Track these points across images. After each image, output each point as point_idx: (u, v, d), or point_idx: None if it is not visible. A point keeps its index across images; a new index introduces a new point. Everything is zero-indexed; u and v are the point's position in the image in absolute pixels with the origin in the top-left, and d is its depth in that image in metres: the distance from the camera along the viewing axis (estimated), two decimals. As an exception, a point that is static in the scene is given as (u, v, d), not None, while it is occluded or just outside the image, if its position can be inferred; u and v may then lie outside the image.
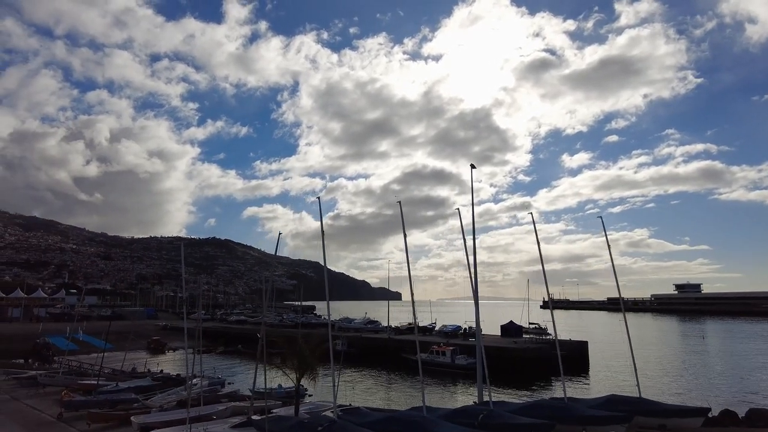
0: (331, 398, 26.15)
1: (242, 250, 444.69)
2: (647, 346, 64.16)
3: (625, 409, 16.57)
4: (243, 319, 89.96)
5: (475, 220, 23.17)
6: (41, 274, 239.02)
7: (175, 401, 20.48)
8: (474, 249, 21.53)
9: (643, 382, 40.49)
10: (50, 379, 25.83)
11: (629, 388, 38.29)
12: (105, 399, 21.34)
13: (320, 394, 35.62)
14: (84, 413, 19.93)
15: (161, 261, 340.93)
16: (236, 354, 63.74)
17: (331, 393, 17.13)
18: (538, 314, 75.26)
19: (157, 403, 20.51)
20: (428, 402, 34.57)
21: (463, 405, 24.39)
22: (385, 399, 35.10)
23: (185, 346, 25.78)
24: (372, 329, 66.11)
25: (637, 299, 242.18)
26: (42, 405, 22.37)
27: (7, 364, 38.58)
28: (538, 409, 16.93)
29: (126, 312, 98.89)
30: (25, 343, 57.25)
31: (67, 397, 23.19)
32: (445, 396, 37.32)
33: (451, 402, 34.18)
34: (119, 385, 24.56)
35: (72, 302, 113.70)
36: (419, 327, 67.84)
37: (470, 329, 60.94)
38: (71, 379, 27.17)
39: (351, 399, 33.78)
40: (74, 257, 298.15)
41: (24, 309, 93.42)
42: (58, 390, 25.94)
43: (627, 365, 54.91)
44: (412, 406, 22.45)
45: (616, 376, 44.66)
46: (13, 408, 21.81)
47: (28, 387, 26.85)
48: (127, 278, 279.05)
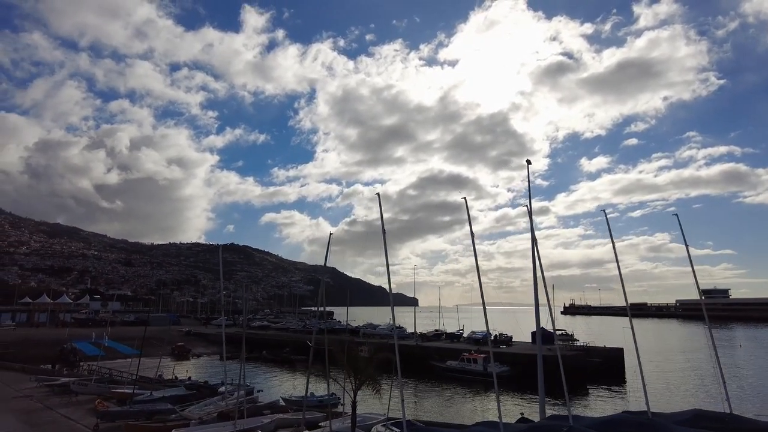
0: (374, 409, 24.83)
1: (260, 255, 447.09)
2: (686, 353, 61.45)
3: (717, 426, 14.89)
4: (266, 324, 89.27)
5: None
6: (65, 279, 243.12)
7: (215, 413, 19.36)
8: (535, 256, 20.00)
9: (704, 392, 38.23)
10: (83, 387, 25.08)
11: (679, 399, 36.24)
12: (141, 410, 20.41)
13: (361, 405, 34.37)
14: (120, 424, 19.02)
15: (180, 267, 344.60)
16: (260, 360, 62.83)
17: (374, 404, 15.77)
18: (558, 320, 73.02)
19: (195, 415, 19.48)
20: (465, 413, 33.20)
21: (520, 418, 22.86)
22: (423, 410, 33.53)
23: (223, 354, 24.71)
24: (398, 336, 64.46)
25: (662, 305, 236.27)
26: (76, 414, 21.54)
27: (36, 369, 38.21)
28: (623, 425, 15.35)
29: (149, 318, 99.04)
30: (52, 348, 57.23)
31: (101, 406, 22.36)
32: (482, 406, 35.58)
33: (490, 414, 32.46)
34: (153, 395, 23.64)
35: (96, 308, 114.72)
36: (446, 333, 66.39)
37: (502, 336, 59.09)
38: (104, 387, 26.41)
39: (380, 409, 32.41)
40: (96, 263, 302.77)
41: (50, 314, 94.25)
42: (91, 398, 25.19)
43: (666, 374, 52.40)
44: (477, 421, 20.79)
45: (659, 386, 42.29)
46: (47, 418, 21.02)
47: (60, 395, 26.14)
48: (147, 284, 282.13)
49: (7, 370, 37.76)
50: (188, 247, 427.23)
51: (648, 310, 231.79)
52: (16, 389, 27.81)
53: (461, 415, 32.83)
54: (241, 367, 21.51)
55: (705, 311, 20.78)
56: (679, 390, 41.76)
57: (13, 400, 24.68)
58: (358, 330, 71.72)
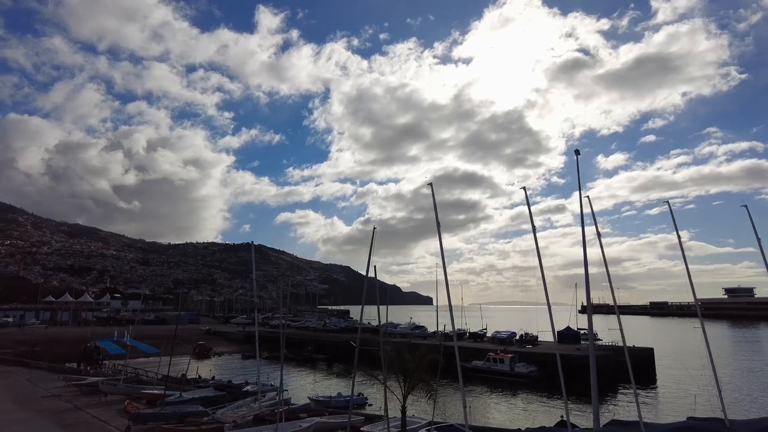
0: (416, 412, 23.78)
1: (275, 255, 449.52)
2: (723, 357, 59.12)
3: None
4: (285, 323, 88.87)
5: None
6: (85, 279, 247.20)
7: (250, 416, 18.57)
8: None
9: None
10: (112, 388, 24.63)
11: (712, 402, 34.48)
12: (173, 412, 19.76)
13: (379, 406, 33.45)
14: (152, 427, 18.40)
15: (197, 266, 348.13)
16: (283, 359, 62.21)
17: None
18: (573, 319, 70.97)
19: (229, 418, 18.73)
20: (496, 415, 32.02)
21: (559, 421, 21.62)
22: (454, 411, 32.40)
23: (257, 354, 24.02)
24: (420, 335, 63.54)
25: (683, 304, 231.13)
26: (106, 416, 21.00)
27: (63, 368, 38.11)
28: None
29: (168, 316, 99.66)
30: (76, 346, 57.56)
31: (131, 407, 21.81)
32: (514, 408, 34.30)
33: (526, 417, 31.32)
34: (183, 396, 23.01)
35: (117, 306, 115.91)
36: (470, 333, 65.10)
37: (527, 335, 57.70)
38: (132, 387, 25.93)
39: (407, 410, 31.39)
40: (115, 263, 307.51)
41: (72, 313, 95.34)
42: (119, 399, 24.68)
43: (699, 375, 50.22)
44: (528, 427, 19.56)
45: (691, 388, 40.29)
46: (78, 419, 20.51)
47: (89, 395, 25.72)
48: (165, 283, 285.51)
49: (35, 369, 37.70)
50: (204, 246, 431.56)
51: (669, 309, 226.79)
52: (45, 389, 27.51)
53: (490, 417, 31.75)
54: (281, 369, 20.70)
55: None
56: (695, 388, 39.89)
57: (42, 400, 24.32)
58: (378, 329, 70.74)
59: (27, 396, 25.19)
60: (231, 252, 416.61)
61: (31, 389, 27.39)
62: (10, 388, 27.26)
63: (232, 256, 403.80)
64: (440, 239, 16.38)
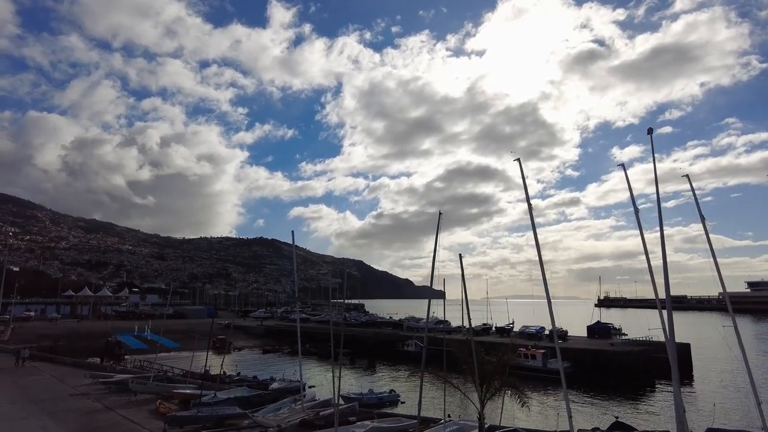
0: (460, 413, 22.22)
1: (288, 249, 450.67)
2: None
3: None
4: (305, 317, 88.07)
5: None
6: (101, 273, 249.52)
7: (297, 420, 17.17)
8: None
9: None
10: (142, 386, 23.52)
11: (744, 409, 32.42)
12: (210, 414, 18.50)
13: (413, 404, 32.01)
14: (188, 430, 17.15)
15: (211, 261, 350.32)
16: (304, 354, 60.98)
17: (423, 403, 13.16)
18: (590, 313, 68.75)
19: (272, 422, 17.37)
20: (538, 416, 30.30)
21: (615, 422, 19.90)
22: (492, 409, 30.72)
23: (299, 351, 22.61)
24: (444, 329, 61.91)
25: (703, 297, 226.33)
26: (138, 417, 19.86)
27: (88, 364, 37.33)
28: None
29: (187, 311, 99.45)
30: (97, 340, 57.22)
31: (163, 408, 20.64)
32: (550, 407, 32.44)
33: (585, 418, 29.38)
34: (217, 396, 21.76)
35: (135, 300, 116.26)
36: (497, 328, 63.37)
37: (559, 330, 55.73)
38: (163, 386, 24.80)
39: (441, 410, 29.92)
40: (131, 257, 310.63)
41: (92, 307, 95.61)
42: (149, 398, 23.57)
43: (735, 371, 47.86)
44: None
45: (730, 385, 38.18)
46: (109, 420, 19.40)
47: (117, 393, 24.65)
48: (180, 277, 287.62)
49: (60, 364, 36.97)
50: (218, 241, 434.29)
51: (688, 302, 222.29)
52: (72, 386, 26.57)
53: (531, 417, 29.98)
54: (333, 370, 19.24)
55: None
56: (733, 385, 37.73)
57: (70, 399, 23.33)
58: (401, 324, 69.43)
59: (55, 394, 24.24)
60: (244, 246, 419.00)
61: (58, 387, 26.48)
62: (38, 386, 26.34)
63: (246, 250, 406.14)
64: (533, 221, 14.68)
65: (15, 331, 60.85)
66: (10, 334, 57.69)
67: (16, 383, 26.36)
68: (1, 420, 18.96)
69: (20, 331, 61.72)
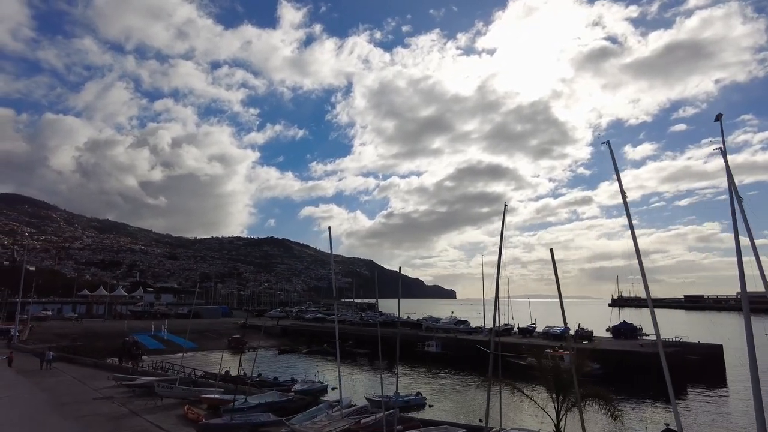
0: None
1: (299, 248, 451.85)
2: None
3: None
4: (320, 316, 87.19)
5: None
6: (115, 273, 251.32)
7: (339, 430, 16.02)
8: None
9: None
10: (168, 390, 22.61)
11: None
12: (245, 422, 17.50)
13: (442, 409, 30.82)
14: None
15: (223, 260, 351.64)
16: (321, 354, 60.16)
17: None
18: (605, 313, 67.01)
19: (311, 431, 16.20)
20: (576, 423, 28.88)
21: (665, 430, 18.51)
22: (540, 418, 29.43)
23: (338, 356, 21.52)
24: (465, 330, 60.70)
25: (721, 297, 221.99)
26: (167, 423, 18.96)
27: (112, 366, 36.70)
28: None
29: (202, 310, 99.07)
30: (114, 340, 56.84)
31: (192, 414, 19.67)
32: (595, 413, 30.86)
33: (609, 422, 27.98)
34: (248, 401, 20.73)
35: (150, 300, 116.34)
36: (519, 328, 61.91)
37: (583, 331, 54.32)
38: (190, 390, 23.88)
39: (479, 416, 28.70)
40: (143, 257, 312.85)
41: (108, 306, 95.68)
42: (175, 402, 22.66)
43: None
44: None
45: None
46: (137, 426, 18.52)
47: (141, 396, 23.79)
48: (192, 277, 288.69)
49: (81, 365, 36.37)
50: (230, 240, 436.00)
51: (705, 302, 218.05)
52: (95, 388, 25.81)
53: (569, 423, 28.55)
54: (396, 375, 18.08)
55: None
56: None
57: (94, 402, 22.52)
58: (420, 324, 68.20)
59: (78, 397, 23.46)
60: (256, 246, 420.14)
61: (80, 389, 25.73)
62: (61, 388, 25.61)
63: (257, 250, 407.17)
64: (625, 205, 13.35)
65: (33, 331, 60.72)
66: (28, 333, 57.50)
67: (38, 384, 25.62)
68: (27, 425, 18.18)
69: (38, 331, 61.62)
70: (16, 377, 28.34)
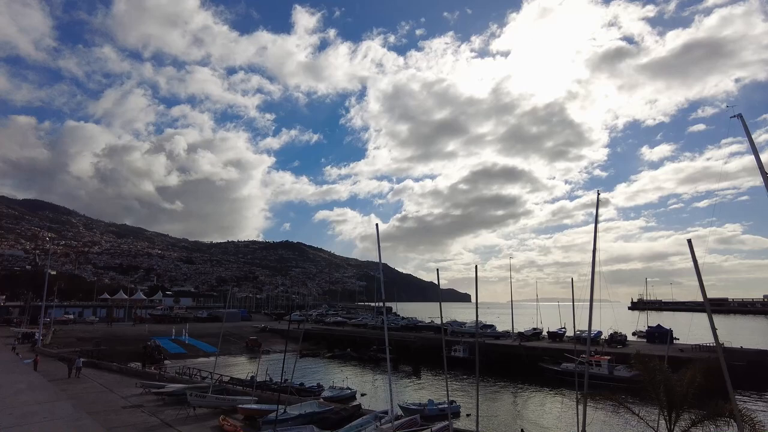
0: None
1: (313, 252, 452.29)
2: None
3: None
4: (341, 320, 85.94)
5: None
6: (132, 277, 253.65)
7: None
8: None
9: None
10: (201, 400, 21.46)
11: None
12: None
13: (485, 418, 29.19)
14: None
15: (239, 264, 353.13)
16: (343, 359, 58.85)
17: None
18: (625, 316, 64.34)
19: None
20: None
21: None
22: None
23: (389, 366, 20.09)
24: (491, 334, 58.91)
25: (746, 300, 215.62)
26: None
27: (138, 372, 35.82)
28: None
29: (220, 314, 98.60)
30: (136, 344, 56.25)
31: (228, 426, 18.43)
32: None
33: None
34: (288, 411, 19.40)
35: (169, 304, 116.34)
36: (549, 333, 59.90)
37: (617, 335, 52.16)
38: (224, 399, 22.69)
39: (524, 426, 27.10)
40: (160, 261, 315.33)
41: (127, 310, 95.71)
42: (208, 412, 21.50)
43: None
44: None
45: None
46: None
47: (172, 405, 22.67)
48: (208, 281, 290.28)
49: (105, 370, 35.57)
50: (245, 244, 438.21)
51: (729, 305, 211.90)
52: (123, 396, 24.79)
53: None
54: (447, 384, 16.61)
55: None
56: None
57: (123, 411, 21.47)
58: (444, 328, 66.40)
59: (107, 405, 22.44)
60: (271, 250, 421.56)
61: (109, 397, 24.73)
62: (89, 395, 24.63)
63: (272, 253, 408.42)
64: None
65: (56, 334, 60.47)
66: (51, 337, 57.21)
67: (65, 392, 24.65)
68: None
69: (60, 335, 61.38)
70: (46, 385, 27.52)
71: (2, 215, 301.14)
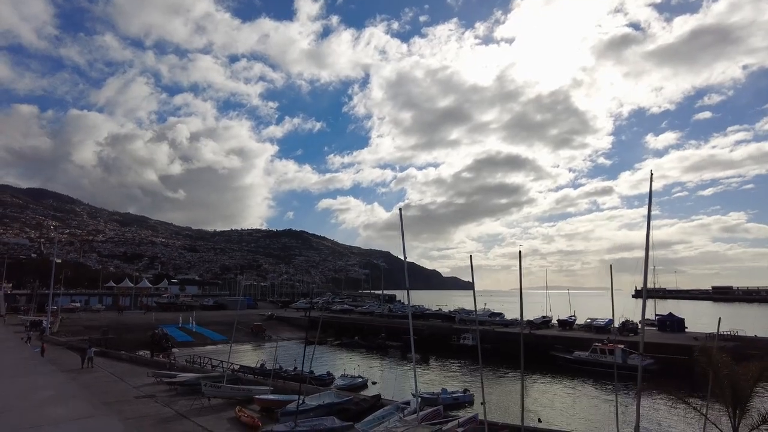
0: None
1: (317, 240, 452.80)
2: None
3: None
4: (347, 308, 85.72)
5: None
6: (137, 265, 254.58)
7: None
8: None
9: None
10: (216, 390, 20.97)
11: None
12: (311, 429, 15.64)
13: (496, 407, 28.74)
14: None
15: (242, 252, 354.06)
16: (351, 347, 58.65)
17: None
18: (629, 304, 63.64)
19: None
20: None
21: None
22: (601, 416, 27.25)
23: (413, 356, 19.47)
24: (500, 322, 58.46)
25: (751, 288, 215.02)
26: (219, 427, 17.37)
27: (149, 361, 35.50)
28: None
29: (227, 302, 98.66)
30: (143, 332, 56.06)
31: (245, 417, 17.92)
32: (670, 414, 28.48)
33: (686, 422, 25.63)
34: (306, 402, 18.84)
35: (175, 292, 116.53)
36: (559, 321, 59.39)
37: (629, 323, 51.60)
38: (239, 389, 22.23)
39: (545, 416, 26.52)
40: (164, 250, 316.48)
41: (133, 298, 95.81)
42: (223, 403, 21.02)
43: None
44: None
45: None
46: (187, 431, 16.71)
47: (184, 395, 22.21)
48: (212, 269, 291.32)
49: (114, 359, 35.27)
50: (249, 233, 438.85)
51: (734, 294, 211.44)
52: (134, 386, 24.38)
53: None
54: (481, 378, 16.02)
55: None
56: None
57: (136, 402, 21.03)
58: (452, 316, 66.14)
59: (119, 395, 22.00)
60: (274, 238, 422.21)
61: (120, 387, 24.33)
62: (100, 385, 24.21)
63: (276, 242, 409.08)
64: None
65: (63, 323, 60.38)
66: (58, 325, 57.08)
67: (75, 380, 24.17)
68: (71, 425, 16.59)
69: (67, 323, 61.32)
70: (63, 377, 27.11)
71: (7, 204, 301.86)
